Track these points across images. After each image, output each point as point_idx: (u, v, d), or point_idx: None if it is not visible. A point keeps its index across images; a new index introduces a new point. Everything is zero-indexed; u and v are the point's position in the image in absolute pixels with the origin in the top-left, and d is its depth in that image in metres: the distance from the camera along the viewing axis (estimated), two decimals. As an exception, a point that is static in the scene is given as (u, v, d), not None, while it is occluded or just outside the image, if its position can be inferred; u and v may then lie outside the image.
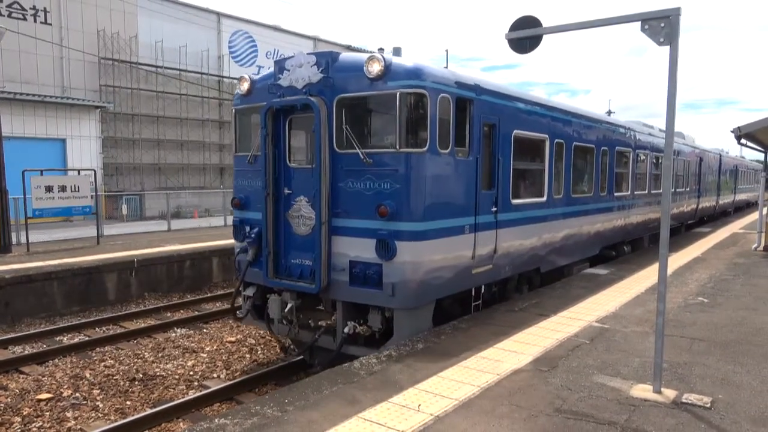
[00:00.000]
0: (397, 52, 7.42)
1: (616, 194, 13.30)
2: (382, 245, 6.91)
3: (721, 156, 26.88)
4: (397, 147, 6.79)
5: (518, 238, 9.09)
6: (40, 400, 7.67)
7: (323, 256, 7.26)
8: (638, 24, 5.17)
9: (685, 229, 21.70)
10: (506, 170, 8.59)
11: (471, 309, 8.33)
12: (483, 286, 8.46)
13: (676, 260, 13.56)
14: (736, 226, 24.16)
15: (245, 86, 8.20)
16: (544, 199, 9.91)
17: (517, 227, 9.01)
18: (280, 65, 7.66)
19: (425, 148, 6.88)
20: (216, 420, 4.78)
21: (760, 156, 20.73)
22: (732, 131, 15.66)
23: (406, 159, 6.81)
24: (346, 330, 7.26)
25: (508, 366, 6.03)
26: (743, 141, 17.04)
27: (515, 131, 8.74)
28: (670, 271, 10.67)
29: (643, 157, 15.26)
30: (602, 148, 12.27)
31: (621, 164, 13.74)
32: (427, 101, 6.84)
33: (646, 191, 15.68)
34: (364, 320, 7.34)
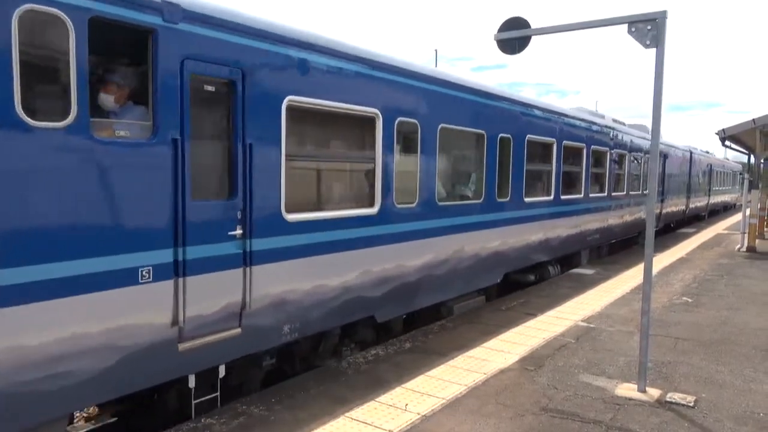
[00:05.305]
0: None
1: (528, 200, 9.91)
2: None
3: (691, 153, 24.05)
4: None
5: (311, 276, 5.71)
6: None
7: None
8: (626, 26, 5.22)
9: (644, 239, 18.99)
10: (270, 164, 5.25)
11: (193, 411, 4.93)
12: (223, 368, 5.10)
13: (662, 260, 13.69)
14: (720, 227, 24.46)
15: None
16: (375, 210, 6.48)
17: (307, 259, 5.65)
18: None
19: None
20: (202, 420, 4.76)
21: (743, 158, 21.01)
22: (716, 133, 15.92)
23: None
24: None
25: (495, 365, 6.05)
26: (727, 143, 17.30)
27: (291, 98, 5.37)
28: (655, 271, 10.78)
29: (576, 152, 11.91)
30: (501, 135, 8.96)
31: (538, 160, 10.46)
32: None
33: (582, 195, 12.33)
34: None
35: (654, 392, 5.37)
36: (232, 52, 4.86)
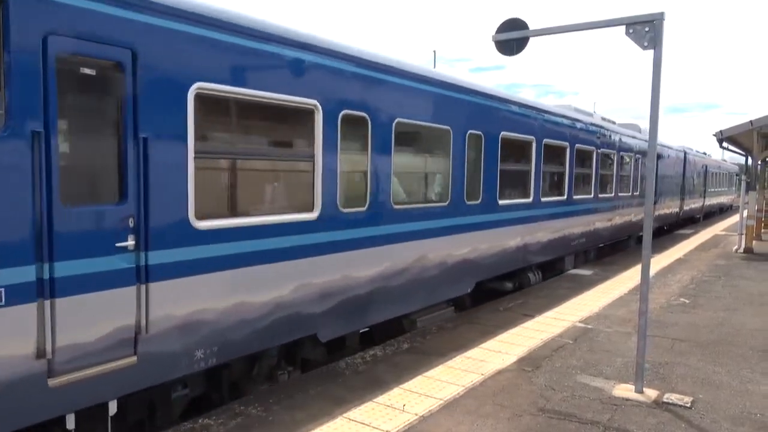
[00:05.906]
0: None
1: (503, 202, 9.23)
2: None
3: (686, 154, 23.45)
4: None
5: (232, 292, 4.92)
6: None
7: None
8: (624, 28, 5.24)
9: (635, 243, 17.37)
10: (173, 163, 4.44)
11: None
12: (114, 404, 4.26)
13: (659, 261, 13.71)
14: (717, 228, 24.52)
15: None
16: (314, 215, 5.70)
17: (226, 272, 4.86)
18: None
19: None
20: (200, 420, 4.76)
21: (741, 159, 21.05)
22: (714, 135, 15.96)
23: None
24: None
25: (493, 366, 6.06)
26: (725, 144, 17.35)
27: (200, 85, 4.57)
28: (652, 272, 10.79)
29: (559, 151, 11.30)
30: (470, 132, 8.20)
31: (515, 159, 9.80)
32: None
33: (565, 197, 11.69)
34: None
35: (651, 393, 5.38)
36: (117, 28, 4.00)
